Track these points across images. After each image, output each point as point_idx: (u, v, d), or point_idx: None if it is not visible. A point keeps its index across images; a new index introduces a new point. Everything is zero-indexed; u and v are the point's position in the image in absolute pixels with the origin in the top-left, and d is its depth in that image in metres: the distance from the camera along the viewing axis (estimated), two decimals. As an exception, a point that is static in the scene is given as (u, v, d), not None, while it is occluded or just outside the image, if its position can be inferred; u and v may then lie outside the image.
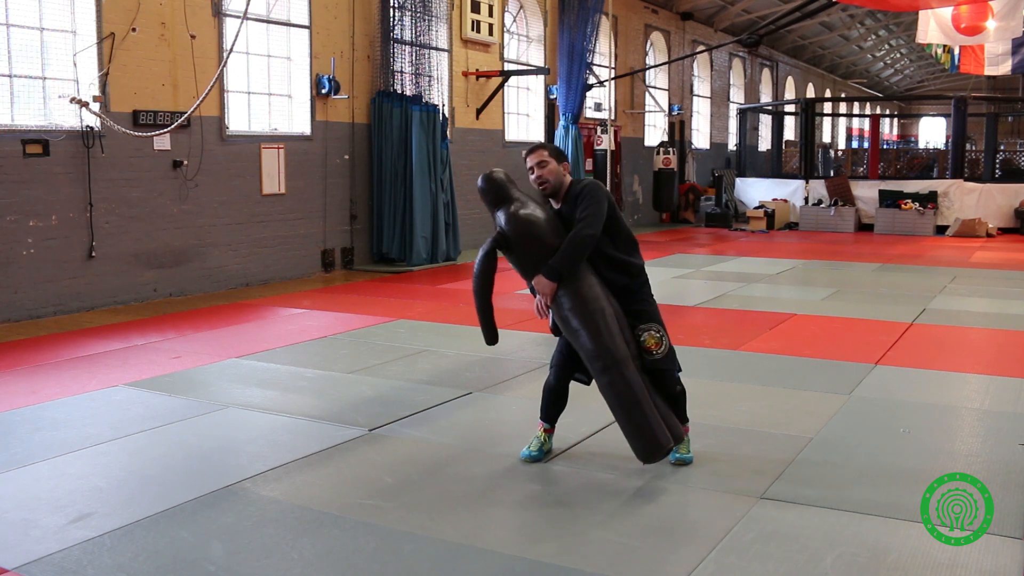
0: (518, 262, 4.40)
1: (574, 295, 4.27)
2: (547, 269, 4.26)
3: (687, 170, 22.17)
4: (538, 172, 4.39)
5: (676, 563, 3.47)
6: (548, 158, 4.40)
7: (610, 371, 4.20)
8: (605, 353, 4.20)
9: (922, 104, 49.44)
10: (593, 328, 4.22)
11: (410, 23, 12.73)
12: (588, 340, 4.23)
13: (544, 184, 4.39)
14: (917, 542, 3.63)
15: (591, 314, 4.24)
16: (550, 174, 4.38)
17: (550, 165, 4.39)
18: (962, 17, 17.51)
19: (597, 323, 4.23)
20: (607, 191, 4.44)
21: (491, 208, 4.44)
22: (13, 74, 8.75)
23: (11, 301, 8.48)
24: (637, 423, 4.19)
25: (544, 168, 4.38)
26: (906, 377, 6.41)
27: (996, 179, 19.43)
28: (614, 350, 4.21)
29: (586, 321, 4.24)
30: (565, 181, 4.43)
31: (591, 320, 4.23)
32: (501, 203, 4.38)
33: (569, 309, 4.28)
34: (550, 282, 4.27)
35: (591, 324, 4.23)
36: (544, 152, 4.42)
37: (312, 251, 11.95)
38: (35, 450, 4.82)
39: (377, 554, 3.57)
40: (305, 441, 4.95)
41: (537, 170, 4.39)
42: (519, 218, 4.30)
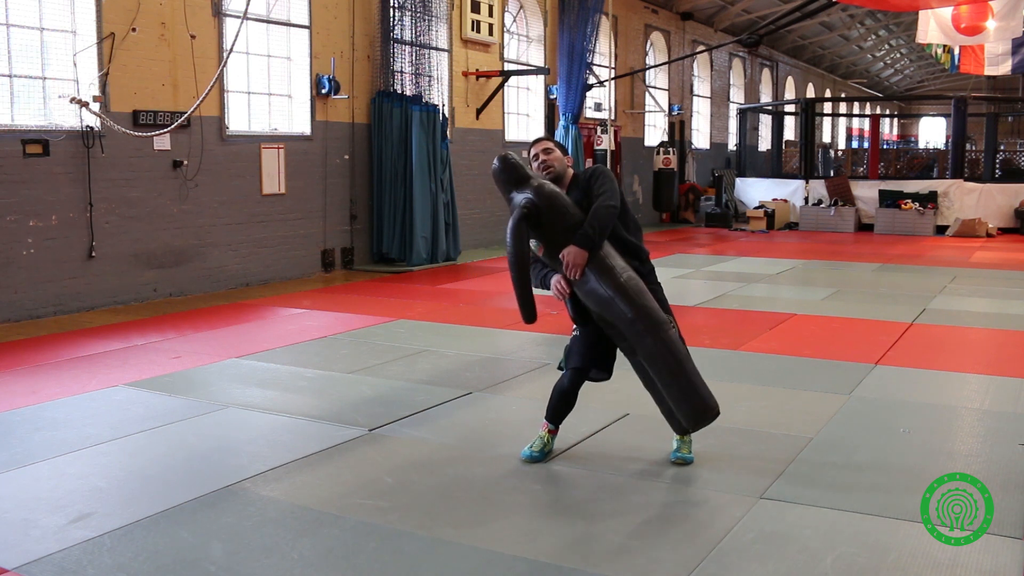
0: (545, 235, 4.31)
1: (599, 265, 4.22)
2: (580, 237, 4.21)
3: (687, 170, 22.17)
4: (544, 158, 4.49)
5: (676, 563, 3.47)
6: (554, 148, 4.54)
7: (653, 332, 4.13)
8: (646, 315, 4.14)
9: (922, 104, 49.44)
10: (628, 293, 4.16)
11: (410, 23, 12.73)
12: (625, 305, 4.14)
13: (549, 168, 4.47)
14: (917, 542, 3.63)
15: (623, 280, 4.19)
16: (555, 160, 4.49)
17: (555, 153, 4.52)
18: (962, 17, 17.51)
19: (631, 287, 4.18)
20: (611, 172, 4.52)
21: (507, 189, 4.40)
22: (13, 74, 8.75)
23: (11, 301, 8.48)
24: (685, 385, 4.13)
25: (550, 155, 4.50)
26: (906, 377, 6.41)
27: (996, 179, 19.43)
28: (654, 311, 4.18)
29: (618, 287, 4.17)
30: (568, 172, 4.54)
31: (624, 285, 4.18)
32: (520, 183, 4.35)
33: (597, 279, 4.20)
34: (583, 250, 4.20)
35: (625, 289, 4.17)
36: (550, 143, 4.58)
37: (312, 251, 11.95)
38: (35, 450, 4.82)
39: (377, 554, 3.57)
40: (305, 441, 4.95)
41: (543, 156, 4.50)
42: (545, 190, 4.29)
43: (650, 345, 4.15)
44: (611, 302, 4.18)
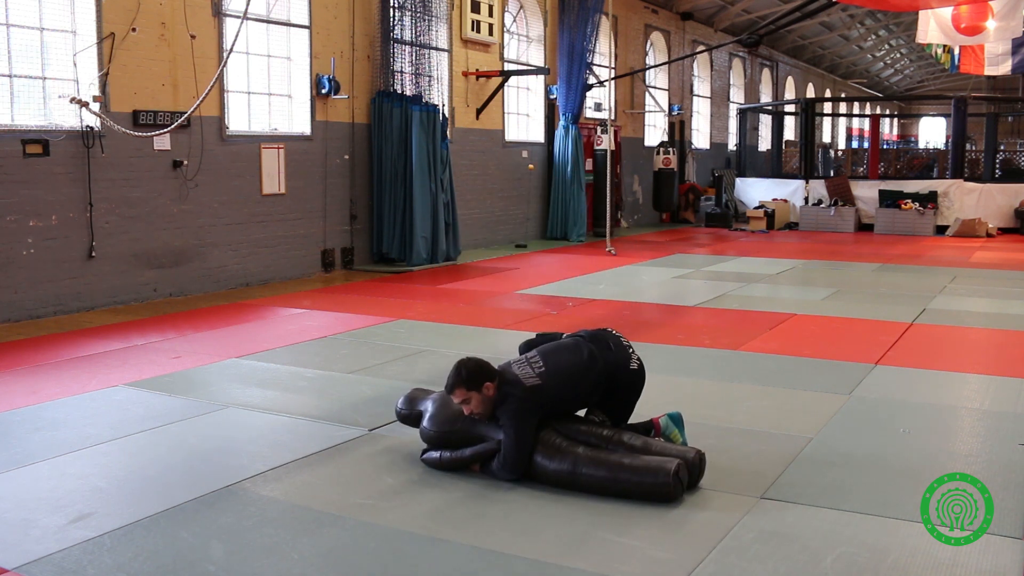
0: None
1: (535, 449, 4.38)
2: (482, 469, 4.37)
3: (687, 170, 22.18)
4: (467, 409, 4.34)
5: (676, 563, 3.47)
6: (467, 393, 4.26)
7: (577, 472, 4.16)
8: (561, 466, 4.19)
9: (922, 104, 49.44)
10: (541, 456, 4.25)
11: (410, 23, 12.72)
12: (546, 467, 4.23)
13: (476, 416, 4.37)
14: (917, 542, 3.63)
15: (535, 453, 4.27)
16: (476, 407, 4.30)
17: (473, 400, 4.28)
18: (962, 17, 17.51)
19: (542, 450, 4.26)
20: (521, 404, 4.23)
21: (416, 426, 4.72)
22: (13, 74, 8.74)
23: (11, 301, 8.48)
24: (632, 486, 4.08)
25: (469, 405, 4.31)
26: (906, 377, 6.41)
27: (996, 179, 19.43)
28: (567, 456, 4.20)
29: (538, 459, 4.26)
30: (492, 400, 4.30)
31: (536, 454, 4.26)
32: (417, 420, 4.69)
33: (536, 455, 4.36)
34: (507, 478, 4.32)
35: (538, 456, 4.26)
36: (460, 390, 4.27)
37: (312, 251, 11.95)
38: (35, 450, 4.82)
39: (377, 554, 3.57)
40: (305, 441, 4.95)
41: (466, 408, 4.33)
42: (427, 431, 4.57)
43: (584, 485, 4.16)
44: (546, 472, 4.25)
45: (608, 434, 4.35)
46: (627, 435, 4.35)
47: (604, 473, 4.10)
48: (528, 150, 16.75)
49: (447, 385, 4.33)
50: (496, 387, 4.28)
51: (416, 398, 4.76)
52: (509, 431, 4.22)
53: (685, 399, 5.62)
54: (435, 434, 4.52)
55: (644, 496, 4.04)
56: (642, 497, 4.04)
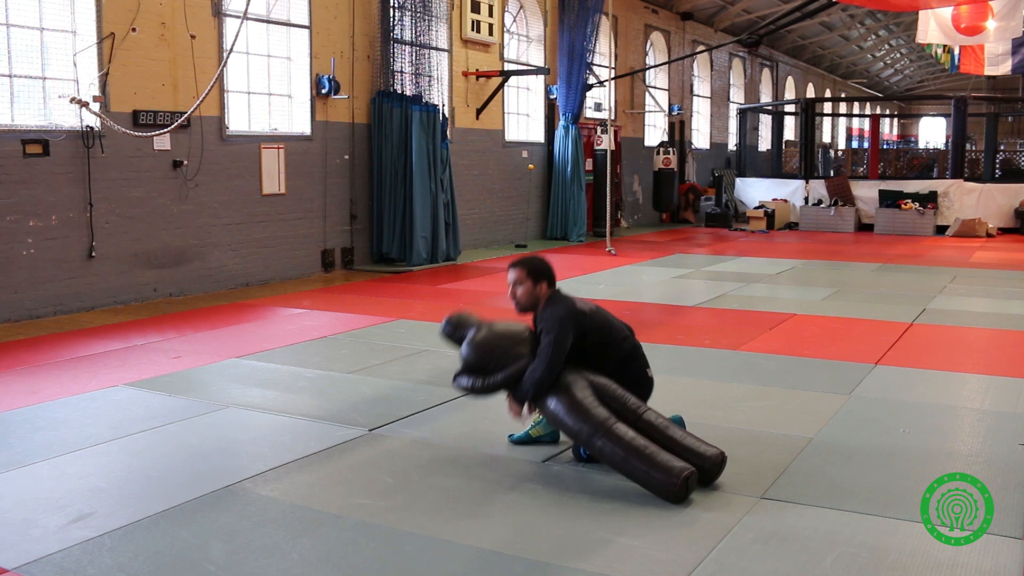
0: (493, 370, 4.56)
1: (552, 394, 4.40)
2: (511, 397, 4.45)
3: (687, 170, 22.18)
4: (512, 291, 4.50)
5: (676, 563, 3.47)
6: (525, 278, 4.46)
7: (594, 439, 4.21)
8: (582, 427, 4.24)
9: (922, 104, 49.42)
10: (565, 407, 4.30)
11: (410, 23, 12.72)
12: (565, 419, 4.30)
13: (516, 305, 4.52)
14: (917, 542, 3.63)
15: (561, 396, 4.32)
16: (522, 296, 4.47)
17: (524, 286, 4.45)
18: (962, 17, 17.51)
19: (569, 400, 4.30)
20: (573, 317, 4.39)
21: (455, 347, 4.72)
22: (13, 74, 8.74)
23: (11, 301, 8.48)
24: (641, 474, 4.11)
25: (519, 288, 4.46)
26: (906, 377, 6.41)
27: (996, 179, 19.43)
28: (590, 419, 4.23)
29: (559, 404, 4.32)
30: (541, 301, 4.49)
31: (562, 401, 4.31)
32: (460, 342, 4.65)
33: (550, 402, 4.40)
34: (518, 406, 4.45)
35: (562, 405, 4.31)
36: (522, 272, 4.47)
37: (312, 251, 11.95)
38: (35, 450, 4.82)
39: (377, 554, 3.57)
40: (305, 441, 4.95)
41: (512, 288, 4.50)
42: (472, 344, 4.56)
43: (597, 451, 4.24)
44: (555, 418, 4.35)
45: (635, 404, 4.38)
46: (653, 413, 4.38)
47: (619, 452, 4.11)
48: (528, 150, 16.75)
49: (512, 263, 4.54)
50: (548, 293, 4.47)
51: (462, 323, 4.72)
52: (549, 335, 4.31)
53: (685, 399, 5.63)
54: (472, 360, 4.50)
55: (648, 487, 4.08)
56: (646, 486, 4.08)
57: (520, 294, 4.47)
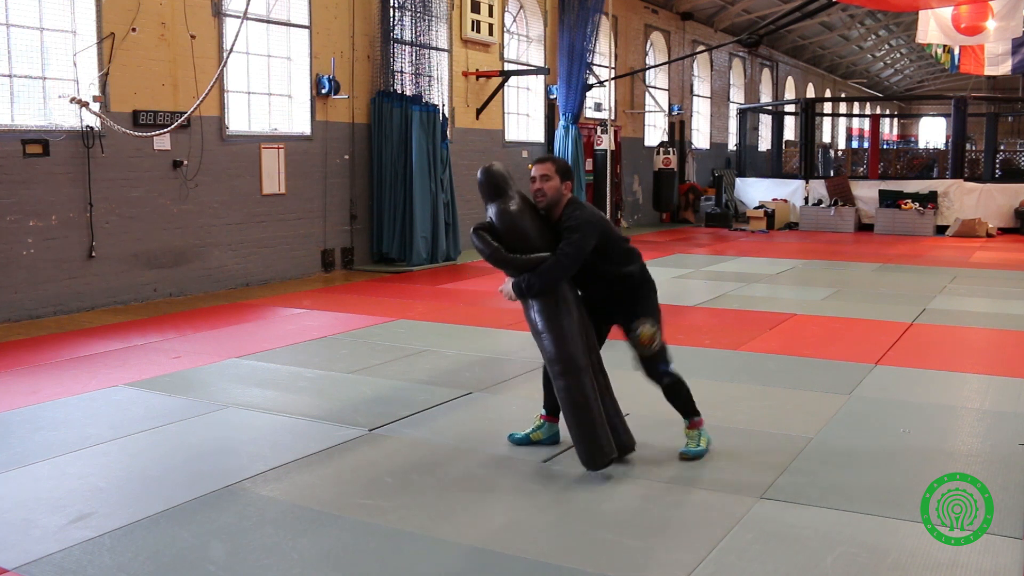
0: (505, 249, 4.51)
1: (545, 301, 4.42)
2: (515, 283, 4.42)
3: (687, 170, 22.17)
4: (539, 184, 4.49)
5: (676, 563, 3.47)
6: (553, 174, 4.48)
7: (567, 376, 4.34)
8: (565, 359, 4.34)
9: (922, 104, 49.42)
10: (557, 334, 4.36)
11: (410, 23, 12.73)
12: (551, 344, 4.38)
13: (540, 198, 4.50)
14: (917, 542, 3.63)
15: (556, 320, 4.38)
16: (549, 189, 4.48)
17: (552, 181, 4.48)
18: (962, 17, 17.51)
19: (561, 329, 4.36)
20: (599, 221, 4.49)
21: (486, 200, 4.54)
22: (13, 74, 8.74)
23: (11, 301, 8.48)
24: (585, 430, 4.32)
25: (546, 182, 4.48)
26: (906, 377, 6.41)
27: (996, 179, 19.42)
28: (574, 358, 4.34)
29: (551, 326, 4.38)
30: (563, 200, 4.52)
31: (555, 326, 4.37)
32: (495, 197, 4.49)
33: (537, 312, 4.44)
34: (512, 292, 4.45)
35: (555, 329, 4.37)
36: (551, 167, 4.50)
37: (312, 251, 11.95)
38: (35, 450, 4.82)
39: (377, 554, 3.57)
40: (305, 441, 4.95)
41: (539, 182, 4.49)
42: (508, 214, 4.42)
43: (561, 387, 4.38)
44: (541, 336, 4.44)
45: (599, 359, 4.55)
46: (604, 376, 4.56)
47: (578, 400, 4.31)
48: (528, 150, 16.74)
49: (538, 159, 4.57)
50: (571, 194, 4.53)
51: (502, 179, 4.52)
52: (575, 234, 4.35)
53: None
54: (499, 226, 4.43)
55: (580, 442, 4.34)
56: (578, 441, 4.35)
57: (548, 188, 4.46)
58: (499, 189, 4.48)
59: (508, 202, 4.45)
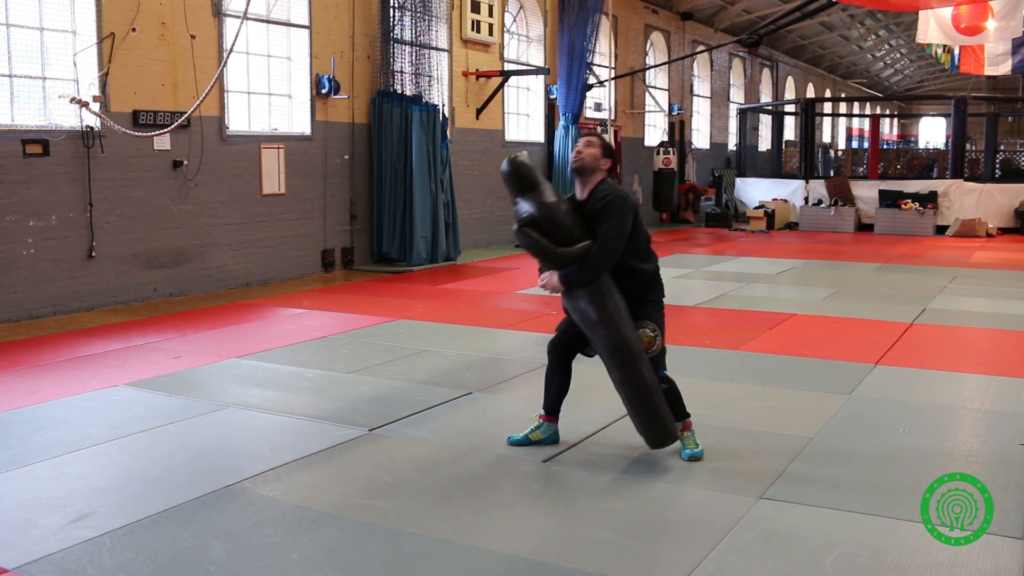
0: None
1: (594, 290, 4.41)
2: (563, 275, 4.43)
3: (687, 170, 22.17)
4: (580, 147, 4.56)
5: (676, 563, 3.47)
6: (596, 147, 4.56)
7: (629, 364, 4.38)
8: (625, 347, 4.37)
9: (922, 104, 49.42)
10: (612, 321, 4.38)
11: (410, 23, 12.73)
12: (608, 333, 4.38)
13: (578, 160, 4.54)
14: (917, 542, 3.63)
15: (611, 309, 4.38)
16: (589, 156, 4.53)
17: (593, 150, 4.55)
18: (962, 17, 17.51)
19: (615, 316, 4.38)
20: (633, 202, 4.57)
21: (515, 193, 4.50)
22: (13, 74, 8.74)
23: (11, 301, 8.48)
24: (653, 413, 4.41)
25: (589, 148, 4.55)
26: (906, 377, 6.41)
27: (996, 179, 19.43)
28: (631, 343, 4.38)
29: (603, 314, 4.38)
30: (597, 173, 4.56)
31: (607, 313, 4.38)
32: (528, 189, 4.44)
33: (588, 302, 4.42)
34: (562, 285, 4.46)
35: (612, 318, 4.38)
36: (597, 140, 4.62)
37: (312, 251, 11.95)
38: (35, 450, 4.82)
39: (377, 554, 3.57)
40: (305, 441, 4.95)
41: (582, 147, 4.56)
42: (547, 206, 4.39)
43: (625, 375, 4.41)
44: (596, 326, 4.42)
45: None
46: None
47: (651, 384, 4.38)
48: (528, 150, 16.61)
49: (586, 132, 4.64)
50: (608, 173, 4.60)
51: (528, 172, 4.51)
52: (613, 214, 4.39)
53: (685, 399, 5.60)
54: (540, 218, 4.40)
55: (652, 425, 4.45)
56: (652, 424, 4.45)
57: (587, 155, 4.51)
58: (530, 181, 4.45)
59: (543, 194, 4.42)
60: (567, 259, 4.38)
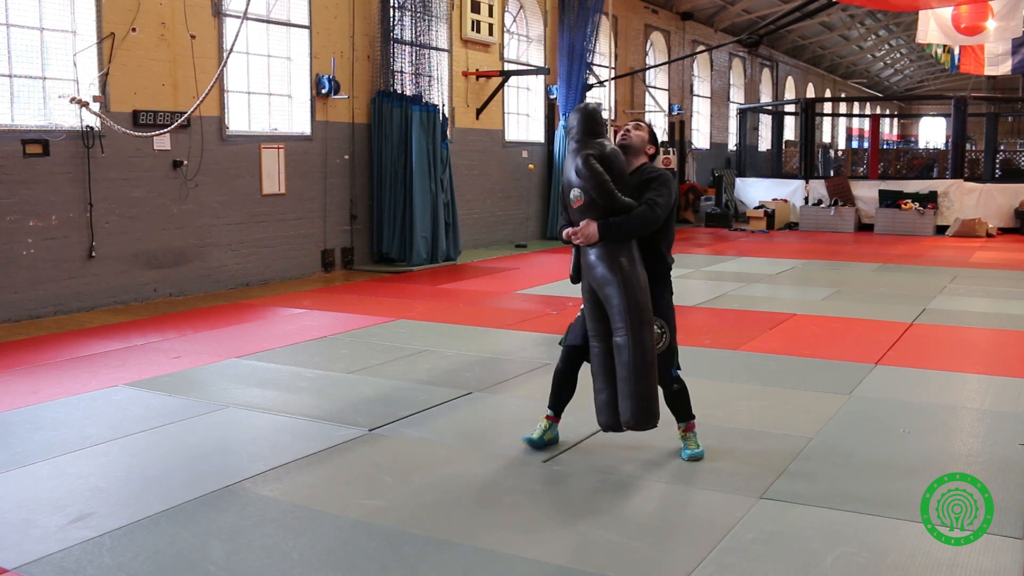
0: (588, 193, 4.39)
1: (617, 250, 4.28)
2: (603, 225, 4.27)
3: (687, 170, 22.17)
4: (630, 127, 4.61)
5: (676, 563, 3.47)
6: (644, 133, 4.62)
7: (642, 328, 4.20)
8: (641, 308, 4.21)
9: (922, 104, 49.42)
10: (634, 283, 4.23)
11: (410, 23, 12.73)
12: (629, 292, 4.21)
13: (626, 138, 4.57)
14: (917, 542, 3.63)
15: (628, 270, 4.24)
16: (637, 138, 4.58)
17: (642, 134, 4.60)
18: (962, 17, 17.50)
19: (634, 280, 4.24)
20: (674, 182, 4.61)
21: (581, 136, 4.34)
22: (13, 74, 8.74)
23: (11, 301, 8.48)
24: (648, 386, 4.21)
25: (638, 130, 4.60)
26: (906, 377, 6.41)
27: (996, 179, 19.42)
28: (647, 310, 4.24)
29: (630, 274, 4.24)
30: (641, 156, 4.59)
31: (634, 275, 4.24)
32: (595, 135, 4.34)
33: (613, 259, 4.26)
34: (597, 234, 4.27)
35: (633, 279, 4.24)
36: (644, 126, 4.67)
37: (312, 251, 11.95)
38: (35, 450, 4.82)
39: (377, 554, 3.57)
40: (305, 441, 4.95)
41: (631, 129, 4.61)
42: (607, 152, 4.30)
43: (630, 338, 4.20)
44: (614, 285, 4.24)
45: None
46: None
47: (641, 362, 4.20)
48: (528, 150, 16.75)
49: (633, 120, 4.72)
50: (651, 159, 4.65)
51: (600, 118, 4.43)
52: (663, 187, 4.40)
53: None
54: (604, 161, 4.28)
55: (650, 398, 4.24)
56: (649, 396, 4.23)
57: (635, 136, 4.56)
58: (600, 130, 4.40)
59: (609, 143, 4.40)
60: (619, 205, 4.25)
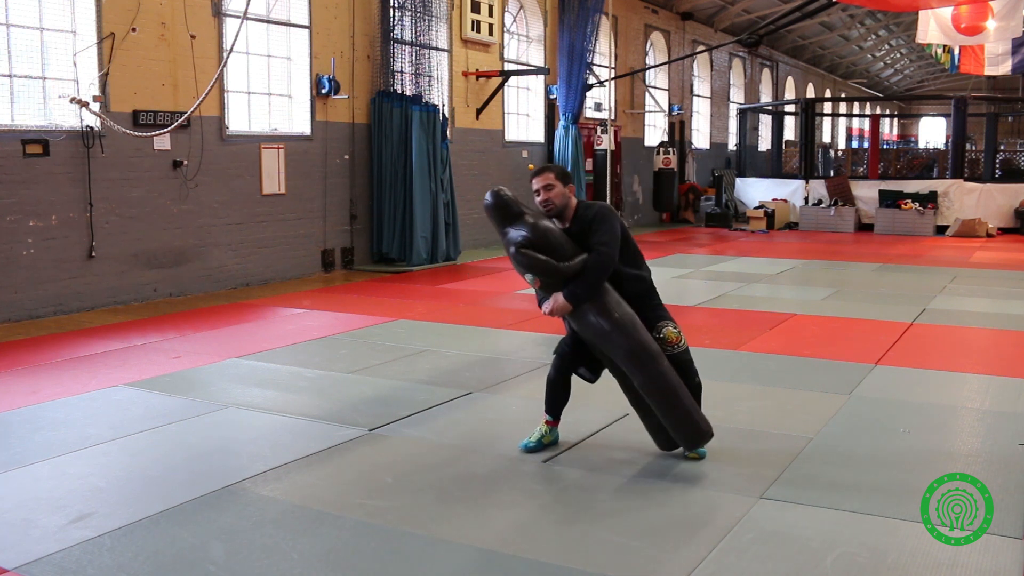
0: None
1: (599, 302, 4.40)
2: (568, 293, 4.38)
3: (687, 170, 22.17)
4: (544, 195, 4.52)
5: (676, 563, 3.47)
6: (554, 181, 4.53)
7: (652, 364, 4.35)
8: (643, 349, 4.36)
9: (922, 104, 49.42)
10: (627, 328, 4.37)
11: (410, 23, 12.73)
12: (625, 339, 4.36)
13: (549, 207, 4.53)
14: (917, 542, 3.63)
15: (618, 316, 4.38)
16: (556, 196, 4.52)
17: (556, 188, 4.53)
18: (962, 17, 17.51)
19: (626, 322, 4.38)
20: (615, 213, 4.58)
21: (500, 225, 4.50)
22: (13, 74, 8.75)
23: (11, 301, 8.48)
24: (681, 413, 4.38)
25: (551, 191, 4.52)
26: (906, 377, 6.41)
27: (996, 179, 19.42)
28: (650, 345, 4.39)
29: (618, 322, 4.37)
30: (571, 203, 4.58)
31: (622, 321, 4.38)
32: (513, 219, 4.46)
33: (597, 314, 4.39)
34: (568, 304, 4.39)
35: (625, 324, 4.38)
36: (551, 175, 4.55)
37: (312, 251, 11.95)
38: (35, 450, 4.82)
39: (377, 554, 3.57)
40: (305, 441, 4.95)
41: (544, 193, 4.52)
42: (539, 229, 4.40)
43: (648, 377, 4.37)
44: (610, 336, 4.39)
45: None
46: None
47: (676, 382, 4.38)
48: (528, 150, 16.75)
49: (536, 170, 4.61)
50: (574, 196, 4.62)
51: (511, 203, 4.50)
52: (603, 225, 4.44)
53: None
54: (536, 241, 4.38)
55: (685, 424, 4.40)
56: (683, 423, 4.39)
57: (555, 195, 4.51)
58: (514, 212, 4.47)
59: (532, 218, 4.44)
60: (570, 273, 4.37)
